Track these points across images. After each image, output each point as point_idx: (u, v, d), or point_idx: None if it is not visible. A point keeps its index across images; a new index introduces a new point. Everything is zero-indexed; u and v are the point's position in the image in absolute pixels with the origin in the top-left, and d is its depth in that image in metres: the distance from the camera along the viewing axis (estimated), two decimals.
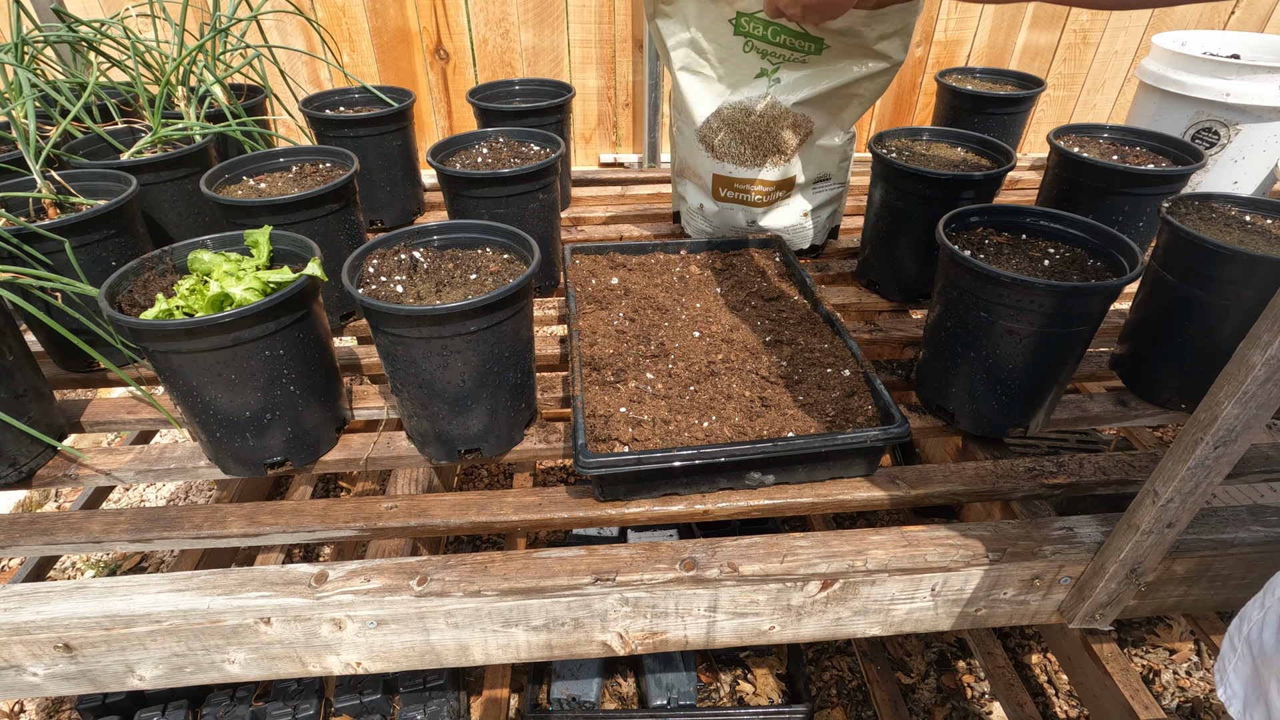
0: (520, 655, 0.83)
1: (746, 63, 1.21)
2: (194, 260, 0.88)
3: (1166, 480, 0.63)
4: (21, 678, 0.79)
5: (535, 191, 1.16)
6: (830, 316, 1.04)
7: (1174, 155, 1.27)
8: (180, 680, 0.81)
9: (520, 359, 0.87)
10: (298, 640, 0.78)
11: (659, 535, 1.30)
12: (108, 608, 0.76)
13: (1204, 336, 0.92)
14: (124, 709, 1.14)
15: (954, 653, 1.50)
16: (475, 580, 0.78)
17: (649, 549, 0.81)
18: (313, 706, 1.13)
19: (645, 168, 2.28)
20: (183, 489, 1.96)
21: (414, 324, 0.77)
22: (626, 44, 2.13)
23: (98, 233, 0.98)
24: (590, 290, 1.14)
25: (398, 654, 0.81)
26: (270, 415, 0.84)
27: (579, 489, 0.88)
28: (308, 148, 1.21)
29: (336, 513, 0.87)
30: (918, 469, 0.90)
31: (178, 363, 0.78)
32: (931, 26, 2.19)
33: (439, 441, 0.90)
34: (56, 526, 0.86)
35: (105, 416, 1.01)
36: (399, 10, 2.02)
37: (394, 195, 1.48)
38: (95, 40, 1.31)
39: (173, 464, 0.93)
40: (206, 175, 1.09)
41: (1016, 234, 1.00)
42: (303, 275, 0.82)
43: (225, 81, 1.34)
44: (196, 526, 0.85)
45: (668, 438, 0.85)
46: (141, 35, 1.32)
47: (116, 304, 0.82)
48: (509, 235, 0.93)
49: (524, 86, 1.59)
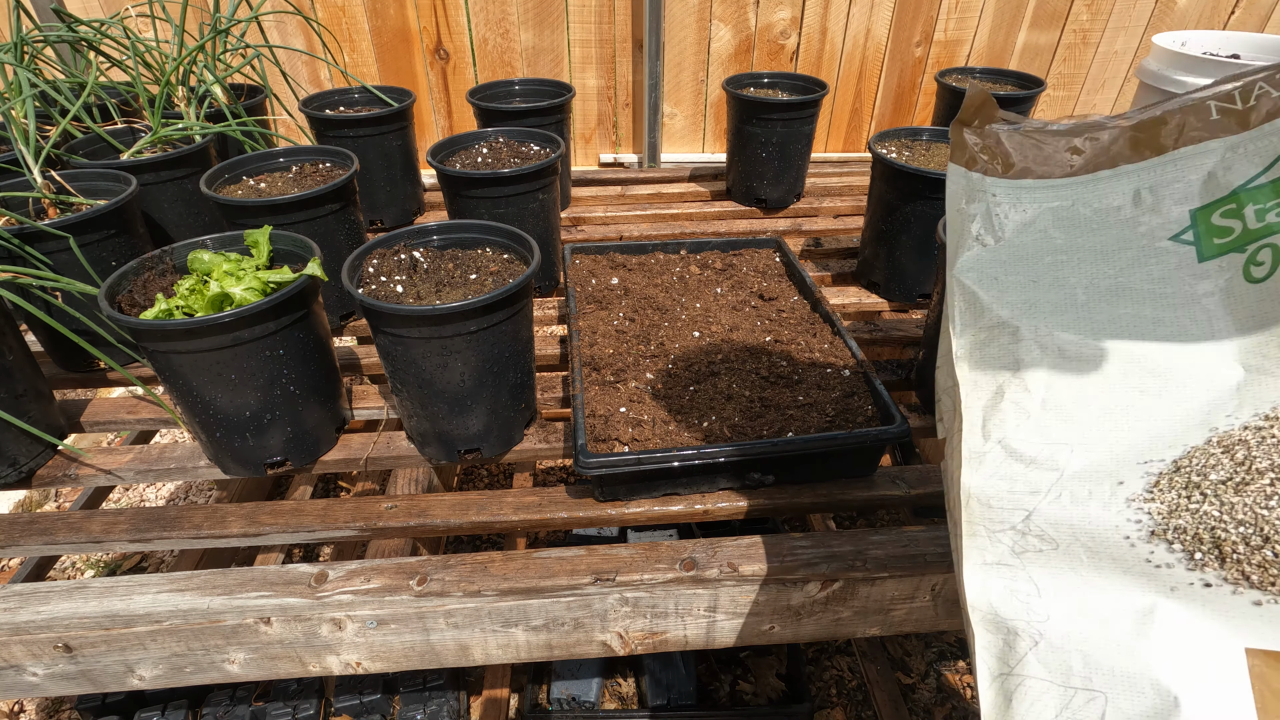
0: (520, 655, 0.83)
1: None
2: (194, 260, 0.88)
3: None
4: (21, 678, 0.79)
5: (535, 191, 1.16)
6: (830, 316, 1.04)
7: None
8: (180, 680, 0.81)
9: (520, 359, 0.87)
10: (297, 640, 0.78)
11: (659, 535, 1.30)
12: (107, 608, 0.76)
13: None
14: (124, 709, 1.14)
15: (954, 653, 1.50)
16: (475, 580, 0.78)
17: (649, 549, 0.81)
18: (313, 706, 1.13)
19: (645, 168, 2.28)
20: (183, 489, 1.96)
21: (414, 324, 0.77)
22: (626, 44, 2.13)
23: (98, 232, 0.98)
24: (590, 290, 1.14)
25: (397, 654, 0.81)
26: (270, 415, 0.84)
27: (579, 489, 0.88)
28: (308, 148, 1.21)
29: (336, 513, 0.87)
30: (918, 469, 0.90)
31: (177, 363, 0.78)
32: (931, 26, 2.19)
33: (439, 441, 0.90)
34: (56, 526, 0.86)
35: (105, 416, 1.01)
36: (399, 10, 2.02)
37: (394, 195, 1.48)
38: (95, 40, 1.31)
39: (173, 464, 0.93)
40: (206, 175, 1.09)
41: None
42: (303, 275, 0.82)
43: (225, 81, 1.34)
44: (196, 526, 0.85)
45: (668, 438, 0.85)
46: (141, 35, 1.32)
47: (116, 304, 0.82)
48: (509, 235, 0.93)
49: (524, 86, 1.59)
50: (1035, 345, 0.55)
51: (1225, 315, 0.52)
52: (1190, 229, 0.55)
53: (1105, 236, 0.58)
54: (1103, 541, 0.48)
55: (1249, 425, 0.48)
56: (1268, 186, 0.53)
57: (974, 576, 0.51)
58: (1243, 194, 0.53)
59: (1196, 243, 0.55)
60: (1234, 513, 0.45)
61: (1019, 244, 0.60)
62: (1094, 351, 0.54)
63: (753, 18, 2.11)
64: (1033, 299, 0.57)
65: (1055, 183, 0.61)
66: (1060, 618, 0.47)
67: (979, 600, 0.50)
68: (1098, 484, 0.50)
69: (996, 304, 0.58)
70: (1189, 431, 0.49)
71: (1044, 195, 0.61)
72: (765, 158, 1.53)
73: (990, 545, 0.51)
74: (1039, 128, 0.66)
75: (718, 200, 1.69)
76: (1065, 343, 0.54)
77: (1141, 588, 0.47)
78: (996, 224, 0.61)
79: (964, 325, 0.59)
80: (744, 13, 2.10)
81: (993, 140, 0.65)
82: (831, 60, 2.22)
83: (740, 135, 1.55)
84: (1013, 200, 0.62)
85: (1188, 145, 0.58)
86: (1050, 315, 0.56)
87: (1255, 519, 0.45)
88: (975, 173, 0.64)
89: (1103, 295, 0.56)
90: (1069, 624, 0.47)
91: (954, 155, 0.65)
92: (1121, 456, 0.50)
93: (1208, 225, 0.55)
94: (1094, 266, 0.57)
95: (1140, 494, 0.48)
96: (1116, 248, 0.57)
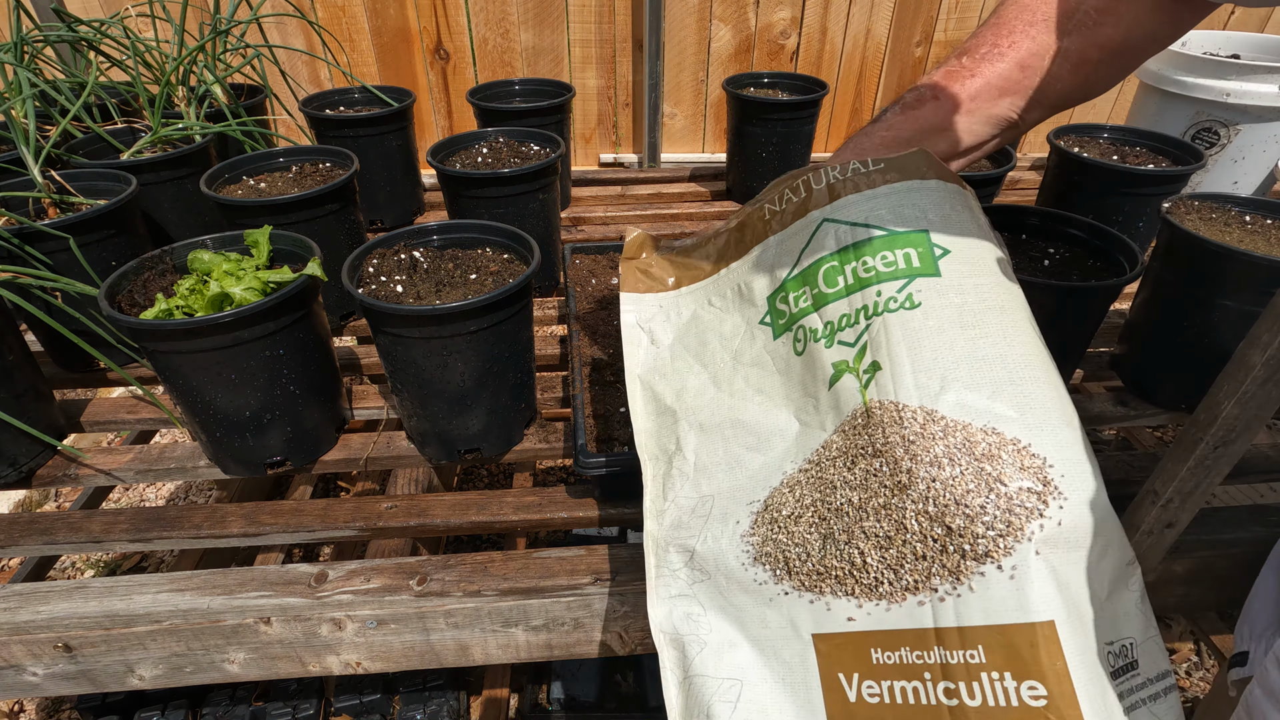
0: (520, 655, 0.83)
1: None
2: (194, 260, 0.88)
3: (1166, 480, 0.63)
4: (21, 677, 0.79)
5: (535, 191, 1.16)
6: None
7: (1174, 155, 1.27)
8: (180, 680, 0.81)
9: (520, 359, 0.87)
10: (297, 640, 0.78)
11: None
12: (107, 607, 0.76)
13: (1203, 336, 0.92)
14: (123, 709, 1.13)
15: None
16: (475, 580, 0.78)
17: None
18: (312, 706, 1.13)
19: (645, 168, 2.28)
20: (183, 489, 1.96)
21: (414, 324, 0.77)
22: (626, 44, 2.12)
23: (98, 232, 0.98)
24: (590, 290, 1.14)
25: (397, 654, 0.81)
26: (270, 415, 0.84)
27: (579, 489, 0.88)
28: (308, 147, 1.21)
29: (336, 513, 0.87)
30: None
31: (177, 362, 0.78)
32: (932, 26, 2.19)
33: (439, 441, 0.90)
34: (56, 526, 0.86)
35: (105, 416, 1.01)
36: (399, 10, 2.02)
37: (394, 195, 1.48)
38: (95, 40, 1.31)
39: (172, 464, 0.93)
40: (206, 175, 1.09)
41: (1016, 234, 1.00)
42: (303, 275, 0.82)
43: (225, 81, 1.34)
44: (196, 526, 0.85)
45: None
46: (141, 35, 1.32)
47: (116, 303, 0.82)
48: (509, 235, 0.93)
49: (524, 86, 1.59)
50: (687, 424, 0.70)
51: (786, 381, 0.66)
52: (768, 313, 0.70)
53: (727, 323, 0.74)
54: (730, 570, 0.60)
55: (803, 468, 0.60)
56: (798, 277, 0.68)
57: (659, 607, 0.63)
58: (788, 283, 0.69)
59: (771, 324, 0.70)
60: (793, 538, 0.58)
61: (680, 339, 0.77)
62: (720, 421, 0.68)
63: (753, 18, 2.11)
64: (684, 385, 0.73)
65: (698, 285, 0.79)
66: (717, 627, 0.60)
67: (664, 625, 0.62)
68: (724, 524, 0.62)
69: (665, 393, 0.74)
70: (772, 476, 0.62)
71: (692, 297, 0.79)
72: (765, 158, 1.53)
73: (672, 580, 0.63)
74: (685, 246, 0.84)
75: (718, 200, 1.69)
76: (704, 419, 0.69)
77: (755, 601, 0.59)
78: (663, 330, 0.79)
79: (645, 411, 0.74)
80: (744, 13, 2.10)
81: (656, 266, 0.84)
82: (831, 60, 2.22)
83: (740, 135, 1.55)
84: (675, 307, 0.79)
85: (756, 245, 0.74)
86: (694, 398, 0.71)
87: (804, 541, 0.58)
88: (646, 294, 0.82)
89: (727, 372, 0.71)
90: (721, 633, 0.60)
91: (623, 287, 0.83)
92: (738, 500, 0.63)
93: (774, 309, 0.70)
94: (722, 349, 0.73)
95: (747, 530, 0.61)
96: (732, 332, 0.73)
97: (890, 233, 0.63)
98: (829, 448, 0.60)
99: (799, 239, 0.69)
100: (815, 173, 0.70)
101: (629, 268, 0.84)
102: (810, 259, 0.67)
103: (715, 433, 0.67)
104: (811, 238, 0.68)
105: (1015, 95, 0.67)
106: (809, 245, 0.68)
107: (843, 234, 0.66)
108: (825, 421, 0.61)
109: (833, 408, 0.61)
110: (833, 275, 0.65)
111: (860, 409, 0.59)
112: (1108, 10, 0.59)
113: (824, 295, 0.65)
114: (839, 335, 0.63)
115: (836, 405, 0.61)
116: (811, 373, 0.64)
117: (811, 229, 0.68)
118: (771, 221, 0.73)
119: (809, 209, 0.69)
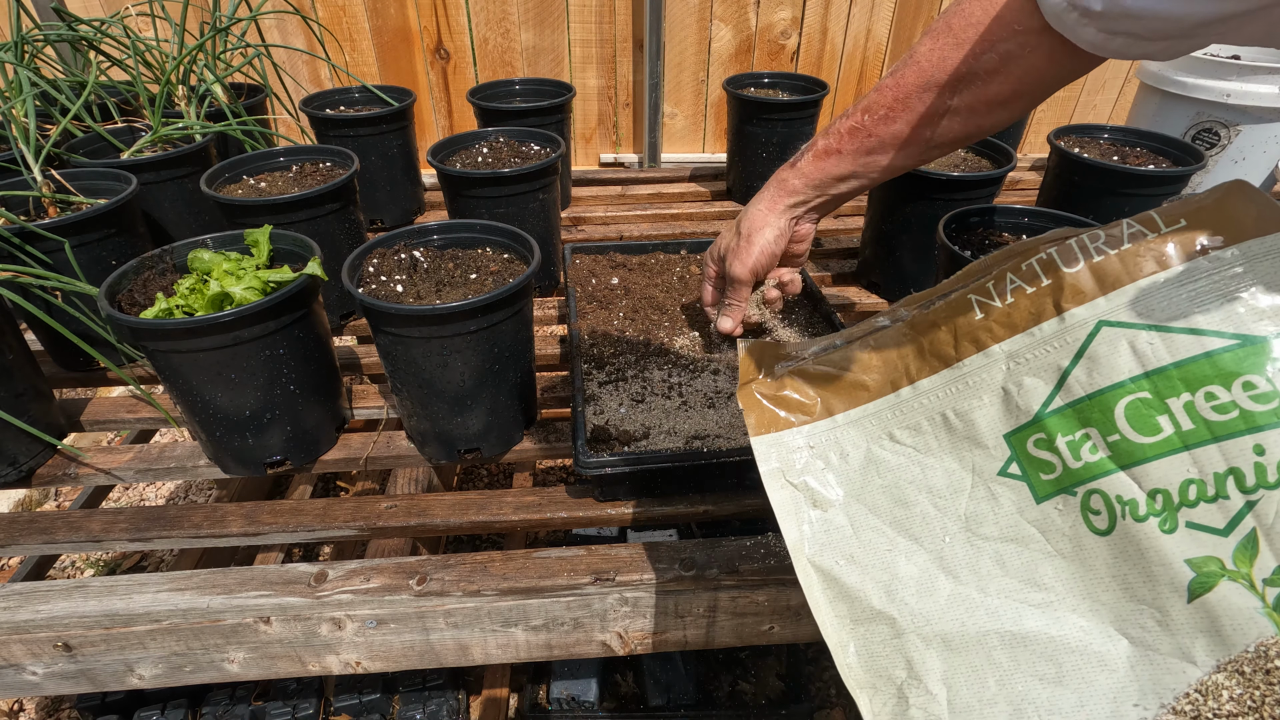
0: (520, 655, 0.83)
1: None
2: (194, 259, 0.88)
3: None
4: (21, 677, 0.79)
5: (535, 191, 1.16)
6: (831, 316, 1.04)
7: (1174, 156, 1.27)
8: (180, 679, 0.81)
9: (520, 359, 0.87)
10: (297, 640, 0.78)
11: (659, 535, 1.29)
12: (107, 607, 0.75)
13: None
14: (123, 708, 1.13)
15: None
16: (475, 580, 0.78)
17: (649, 549, 0.81)
18: (312, 706, 1.13)
19: (645, 168, 2.28)
20: (182, 488, 1.96)
21: (414, 324, 0.77)
22: (627, 44, 2.12)
23: (98, 232, 0.98)
24: (590, 290, 1.14)
25: (397, 653, 0.81)
26: (270, 414, 0.84)
27: (579, 489, 0.88)
28: (308, 147, 1.21)
29: (336, 512, 0.87)
30: None
31: (177, 362, 0.78)
32: None
33: (439, 441, 0.90)
34: (56, 525, 0.86)
35: (105, 415, 1.01)
36: (399, 10, 2.02)
37: (394, 195, 1.48)
38: (95, 39, 1.31)
39: (172, 463, 0.93)
40: (207, 174, 1.09)
41: (1017, 234, 1.01)
42: (303, 275, 0.82)
43: (225, 81, 1.34)
44: (196, 526, 0.85)
45: (668, 437, 0.85)
46: (141, 34, 1.32)
47: (116, 303, 0.82)
48: (509, 235, 0.93)
49: (524, 86, 1.59)
50: (918, 639, 0.49)
51: (1083, 572, 0.47)
52: (1013, 460, 0.49)
53: (936, 472, 0.52)
54: None
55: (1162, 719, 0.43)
56: (1068, 413, 0.47)
57: None
58: (1047, 420, 0.48)
59: (1026, 478, 0.49)
60: None
61: (857, 496, 0.53)
62: (976, 635, 0.47)
63: (753, 18, 2.11)
64: (894, 573, 0.51)
65: (865, 410, 0.55)
66: None
67: None
68: None
69: (865, 589, 0.51)
70: None
71: (859, 430, 0.55)
72: (766, 158, 1.53)
73: None
74: (824, 349, 0.58)
75: (718, 200, 1.69)
76: (947, 630, 0.48)
77: None
78: (824, 484, 0.54)
79: (835, 616, 0.51)
80: (744, 13, 2.10)
81: (791, 387, 0.58)
82: (832, 60, 2.22)
83: (741, 135, 1.55)
84: (834, 444, 0.55)
85: (969, 355, 0.52)
86: (919, 597, 0.50)
87: None
88: (785, 432, 0.56)
89: (961, 552, 0.50)
90: None
91: (754, 428, 0.57)
92: None
93: (1024, 456, 0.49)
94: (939, 513, 0.51)
95: None
96: (949, 487, 0.51)
97: (1247, 340, 0.42)
98: (1215, 695, 0.42)
99: (1055, 351, 0.48)
100: (1062, 246, 0.50)
101: (750, 398, 0.59)
102: (1089, 384, 0.46)
103: (974, 652, 0.47)
104: (1084, 351, 0.47)
105: (909, 148, 0.73)
106: (1077, 361, 0.47)
107: (1147, 346, 0.45)
108: (1189, 649, 0.43)
109: (1204, 630, 0.42)
110: (1145, 414, 0.44)
111: (1275, 641, 0.41)
112: (997, 71, 0.62)
113: (1134, 447, 0.45)
114: (1187, 514, 0.43)
115: (1213, 629, 0.42)
116: (1139, 568, 0.44)
117: (1080, 336, 0.47)
118: (992, 321, 0.51)
119: (1063, 304, 0.48)
